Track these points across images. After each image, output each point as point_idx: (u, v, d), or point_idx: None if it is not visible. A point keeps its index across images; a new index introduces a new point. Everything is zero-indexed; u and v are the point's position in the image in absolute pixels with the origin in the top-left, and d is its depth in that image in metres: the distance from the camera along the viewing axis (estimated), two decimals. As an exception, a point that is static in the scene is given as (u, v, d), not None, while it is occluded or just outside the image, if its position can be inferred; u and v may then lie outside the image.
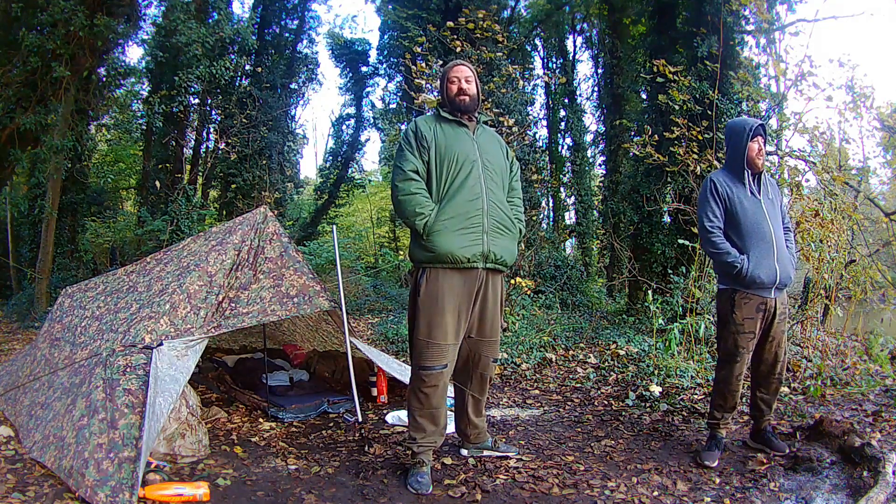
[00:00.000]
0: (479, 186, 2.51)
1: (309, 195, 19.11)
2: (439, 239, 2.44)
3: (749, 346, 2.75)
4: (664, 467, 2.71)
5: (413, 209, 2.46)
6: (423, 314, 2.50)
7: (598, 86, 14.41)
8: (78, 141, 8.50)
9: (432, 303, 2.48)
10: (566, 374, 4.69)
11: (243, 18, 12.63)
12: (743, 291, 2.72)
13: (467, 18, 6.36)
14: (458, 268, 2.47)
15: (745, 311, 2.72)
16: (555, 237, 10.36)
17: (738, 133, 2.79)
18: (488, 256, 2.50)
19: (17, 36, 7.18)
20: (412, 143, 2.55)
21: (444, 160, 2.51)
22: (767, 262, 2.69)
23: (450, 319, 2.48)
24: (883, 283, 5.23)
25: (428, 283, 2.49)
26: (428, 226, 2.45)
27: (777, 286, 2.73)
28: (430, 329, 2.48)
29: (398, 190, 2.51)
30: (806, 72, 5.35)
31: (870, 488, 2.32)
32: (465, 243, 2.45)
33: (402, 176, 2.50)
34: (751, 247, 2.70)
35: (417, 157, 2.52)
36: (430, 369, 2.50)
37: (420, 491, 2.42)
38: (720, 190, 2.77)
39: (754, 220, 2.73)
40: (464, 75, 2.63)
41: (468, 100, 2.61)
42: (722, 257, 2.72)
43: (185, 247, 3.58)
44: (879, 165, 9.91)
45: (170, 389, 2.58)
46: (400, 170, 2.53)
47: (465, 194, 2.48)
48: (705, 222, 2.77)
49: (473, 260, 2.47)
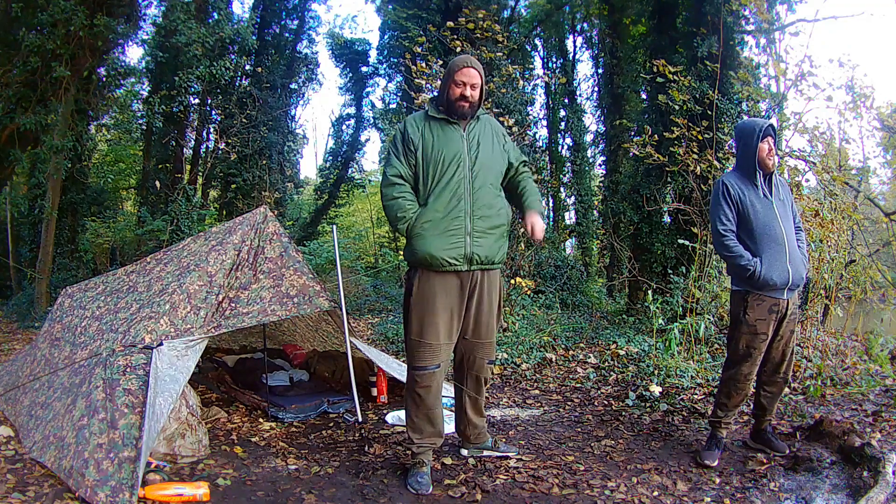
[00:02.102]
0: (464, 187, 2.47)
1: (309, 195, 19.09)
2: (420, 242, 2.45)
3: (761, 347, 2.74)
4: (664, 467, 2.71)
5: (395, 213, 2.49)
6: (415, 314, 2.51)
7: (598, 86, 14.40)
8: (78, 141, 8.49)
9: (424, 303, 2.49)
10: (566, 374, 4.69)
11: (243, 18, 12.62)
12: (756, 293, 2.72)
13: (467, 18, 6.36)
14: (444, 271, 2.47)
15: (758, 313, 2.71)
16: (555, 237, 10.35)
17: (749, 134, 2.78)
18: (472, 259, 2.47)
19: (17, 36, 7.20)
20: (398, 147, 2.57)
21: (430, 162, 2.50)
22: (780, 263, 2.68)
23: (441, 319, 2.48)
24: (883, 283, 5.23)
25: (420, 284, 2.50)
26: (409, 229, 2.47)
27: (790, 287, 2.72)
28: (422, 329, 2.49)
29: (382, 195, 2.57)
30: (806, 72, 5.35)
31: (870, 488, 2.32)
32: (446, 246, 2.43)
33: (386, 181, 2.55)
34: (763, 249, 2.70)
35: (403, 162, 2.54)
36: (423, 369, 2.50)
37: (420, 491, 2.42)
38: (732, 193, 2.76)
39: (766, 222, 2.72)
40: (471, 81, 2.51)
41: (467, 107, 2.54)
42: (735, 260, 2.71)
43: (185, 247, 3.58)
44: (879, 165, 9.92)
45: (170, 389, 2.58)
46: (385, 175, 2.58)
47: (447, 196, 2.46)
48: (718, 226, 2.76)
49: (455, 263, 2.45)
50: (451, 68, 2.57)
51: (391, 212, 2.52)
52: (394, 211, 2.50)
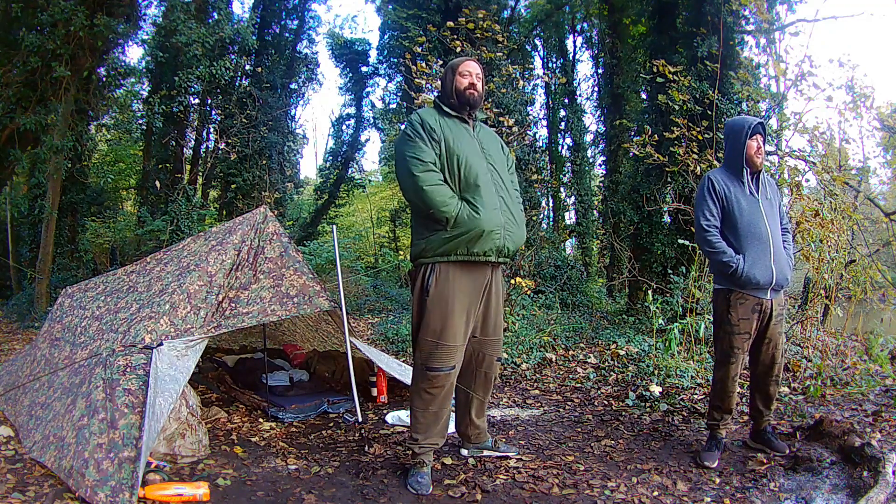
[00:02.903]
0: (496, 182, 2.51)
1: (309, 195, 19.09)
2: (466, 233, 2.41)
3: (744, 346, 2.74)
4: (664, 467, 2.71)
5: (444, 199, 2.37)
6: (434, 315, 2.45)
7: (598, 86, 14.41)
8: (78, 141, 8.49)
9: (443, 303, 2.44)
10: (566, 374, 4.69)
11: (243, 18, 12.63)
12: (739, 292, 2.71)
13: (467, 18, 6.36)
14: (471, 262, 2.45)
15: (741, 312, 2.71)
16: (555, 237, 10.36)
17: (737, 131, 2.78)
18: (502, 251, 2.50)
19: (17, 36, 7.20)
20: (423, 134, 2.45)
21: (453, 155, 2.45)
22: (763, 262, 2.67)
23: (460, 320, 2.47)
24: (883, 283, 5.23)
25: (438, 283, 2.44)
26: (456, 218, 2.39)
27: (773, 287, 2.72)
28: (443, 330, 2.44)
29: (421, 180, 2.37)
30: (806, 72, 5.36)
31: (870, 488, 2.31)
32: (488, 239, 2.43)
33: (423, 167, 2.39)
34: (747, 247, 2.69)
35: (431, 149, 2.44)
36: (438, 370, 2.47)
37: (420, 491, 2.42)
38: (717, 188, 2.76)
39: (751, 220, 2.71)
40: (476, 72, 2.59)
41: (477, 94, 2.58)
42: (717, 256, 2.71)
43: (185, 247, 3.58)
44: (879, 165, 9.90)
45: (170, 389, 2.58)
46: (418, 160, 2.40)
47: (489, 189, 2.46)
48: (702, 221, 2.76)
49: (489, 254, 2.46)
50: (452, 65, 2.63)
51: (437, 197, 2.36)
52: (441, 196, 2.37)
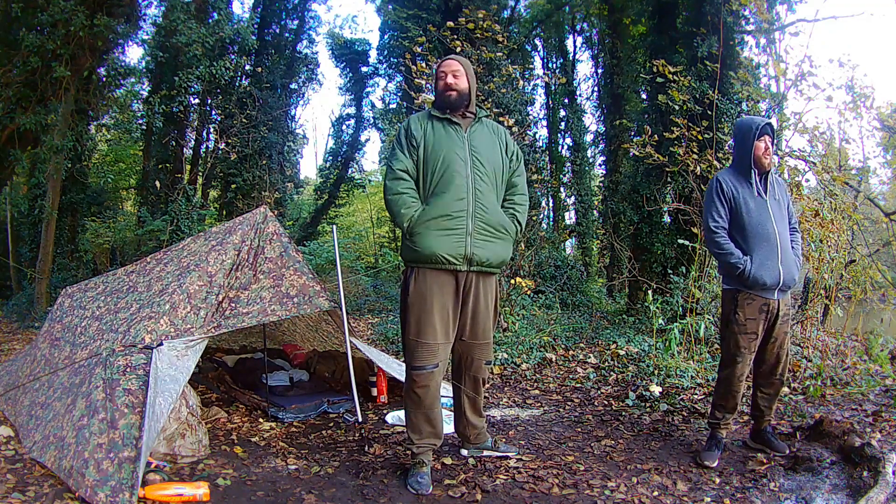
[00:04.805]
0: (466, 187, 2.48)
1: (309, 195, 19.09)
2: (421, 239, 2.45)
3: (751, 346, 2.74)
4: (664, 467, 2.71)
5: (399, 209, 2.49)
6: (412, 313, 2.51)
7: (598, 86, 14.42)
8: (78, 141, 8.50)
9: (420, 302, 2.48)
10: (566, 374, 4.69)
11: (243, 18, 12.61)
12: (746, 292, 2.72)
13: (467, 18, 6.36)
14: (442, 268, 2.47)
15: (748, 312, 2.71)
16: (555, 237, 10.36)
17: (745, 132, 2.78)
18: (472, 259, 2.47)
19: (17, 36, 7.19)
20: (403, 142, 2.57)
21: (430, 160, 2.51)
22: (771, 263, 2.68)
23: (438, 318, 2.48)
24: (883, 283, 5.23)
25: (416, 283, 2.50)
26: (411, 225, 2.46)
27: (780, 288, 2.72)
28: (420, 328, 2.49)
29: (387, 188, 2.55)
30: (806, 72, 5.35)
31: (870, 488, 2.31)
32: (447, 244, 2.43)
33: (392, 174, 2.54)
34: (755, 248, 2.70)
35: (407, 157, 2.54)
36: (421, 369, 2.50)
37: (420, 491, 2.42)
38: (726, 190, 2.76)
39: (759, 221, 2.72)
40: (451, 69, 2.58)
41: (455, 95, 2.56)
42: (725, 258, 2.71)
43: (185, 247, 3.58)
44: (879, 165, 9.91)
45: (170, 389, 2.58)
46: (390, 169, 2.56)
47: (450, 195, 2.46)
48: (710, 222, 2.77)
49: (454, 261, 2.45)
50: (435, 68, 2.69)
51: (395, 206, 2.50)
52: (398, 206, 2.49)
